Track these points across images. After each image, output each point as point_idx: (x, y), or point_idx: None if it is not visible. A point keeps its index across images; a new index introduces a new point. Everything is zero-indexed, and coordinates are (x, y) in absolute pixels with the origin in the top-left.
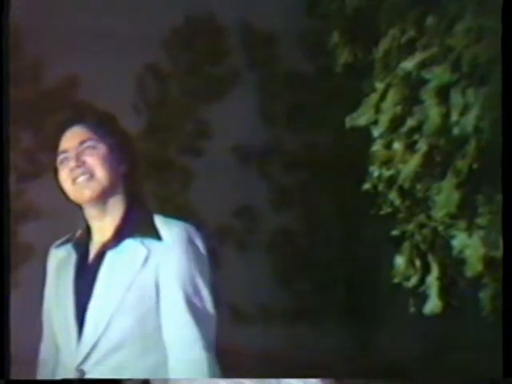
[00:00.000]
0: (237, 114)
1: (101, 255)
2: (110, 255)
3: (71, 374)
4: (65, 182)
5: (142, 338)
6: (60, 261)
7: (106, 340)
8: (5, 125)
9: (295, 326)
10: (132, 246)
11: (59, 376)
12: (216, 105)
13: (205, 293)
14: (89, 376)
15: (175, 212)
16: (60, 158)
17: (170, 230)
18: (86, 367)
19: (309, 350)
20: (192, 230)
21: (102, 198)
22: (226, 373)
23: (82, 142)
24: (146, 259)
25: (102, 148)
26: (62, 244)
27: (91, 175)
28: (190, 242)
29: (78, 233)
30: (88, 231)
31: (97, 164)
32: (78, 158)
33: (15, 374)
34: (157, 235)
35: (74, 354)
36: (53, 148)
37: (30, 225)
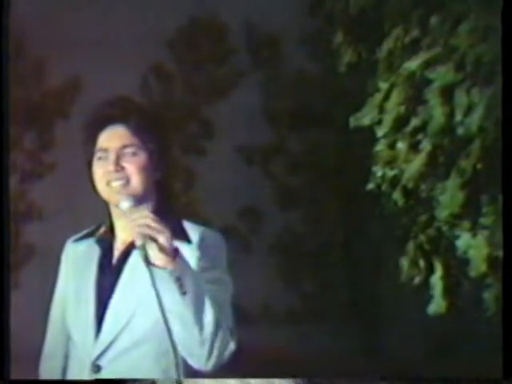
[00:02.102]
0: (241, 113)
1: (126, 254)
2: (135, 254)
3: (86, 370)
4: (99, 181)
5: (160, 339)
6: (80, 255)
7: (124, 337)
8: (6, 125)
9: (300, 326)
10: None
11: (71, 371)
12: (220, 105)
13: (224, 296)
14: (104, 371)
15: (179, 212)
16: (98, 155)
17: (201, 235)
18: (102, 363)
19: (314, 350)
20: (221, 237)
21: (134, 202)
22: (229, 373)
23: (124, 146)
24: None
25: (142, 155)
26: (82, 238)
27: (127, 181)
28: (219, 248)
29: (102, 229)
30: (112, 229)
31: (135, 172)
32: (117, 162)
33: (15, 373)
34: (186, 238)
35: (90, 349)
36: (86, 141)
37: (33, 225)
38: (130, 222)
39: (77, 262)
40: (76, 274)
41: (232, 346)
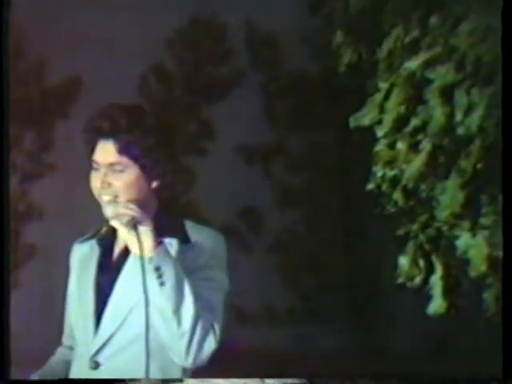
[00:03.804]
0: (240, 114)
1: (125, 253)
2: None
3: (86, 366)
4: (93, 189)
5: (156, 337)
6: (83, 255)
7: (122, 334)
8: (6, 125)
9: (300, 326)
10: None
11: (73, 368)
12: (220, 105)
13: (215, 296)
14: (103, 368)
15: (179, 212)
16: (93, 164)
17: (200, 235)
18: (100, 359)
19: (314, 350)
20: (221, 237)
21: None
22: (228, 373)
23: (110, 164)
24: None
25: (131, 172)
26: (86, 240)
27: (116, 197)
28: (218, 248)
29: (104, 229)
30: (113, 229)
31: (122, 189)
32: (103, 179)
33: (15, 374)
34: (185, 237)
35: (89, 345)
36: (87, 147)
37: (33, 225)
38: (113, 211)
39: (80, 262)
40: (79, 273)
41: (213, 343)
